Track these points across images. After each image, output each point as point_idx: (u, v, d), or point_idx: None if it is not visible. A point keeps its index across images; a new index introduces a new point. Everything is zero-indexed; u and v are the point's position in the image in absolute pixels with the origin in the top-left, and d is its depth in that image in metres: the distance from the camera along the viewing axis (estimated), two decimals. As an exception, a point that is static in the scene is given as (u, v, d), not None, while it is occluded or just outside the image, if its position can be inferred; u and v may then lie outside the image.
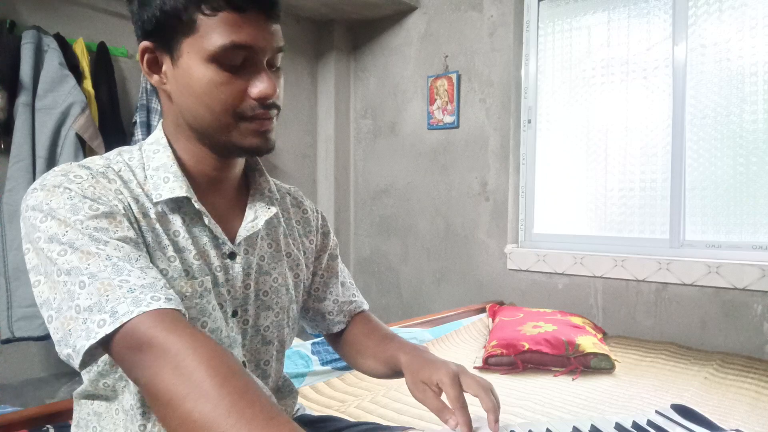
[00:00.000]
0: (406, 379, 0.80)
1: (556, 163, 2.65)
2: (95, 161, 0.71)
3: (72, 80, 2.18)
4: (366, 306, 1.00)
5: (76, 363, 0.57)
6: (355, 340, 0.95)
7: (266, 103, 0.69)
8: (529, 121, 2.70)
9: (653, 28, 2.36)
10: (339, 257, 0.98)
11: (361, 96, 3.34)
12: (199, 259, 0.71)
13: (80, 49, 2.28)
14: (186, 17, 0.65)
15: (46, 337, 2.13)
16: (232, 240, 0.76)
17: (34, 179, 2.12)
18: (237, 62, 0.67)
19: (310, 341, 1.91)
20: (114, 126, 2.39)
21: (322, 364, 1.79)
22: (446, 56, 2.89)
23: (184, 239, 0.71)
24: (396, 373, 0.86)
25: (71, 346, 0.57)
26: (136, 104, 2.46)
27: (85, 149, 2.24)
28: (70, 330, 0.57)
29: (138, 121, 2.41)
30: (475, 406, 0.74)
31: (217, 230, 0.74)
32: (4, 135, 2.13)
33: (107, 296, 0.57)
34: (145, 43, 0.70)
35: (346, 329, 0.97)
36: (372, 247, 3.30)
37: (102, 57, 2.38)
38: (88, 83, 2.28)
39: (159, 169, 0.71)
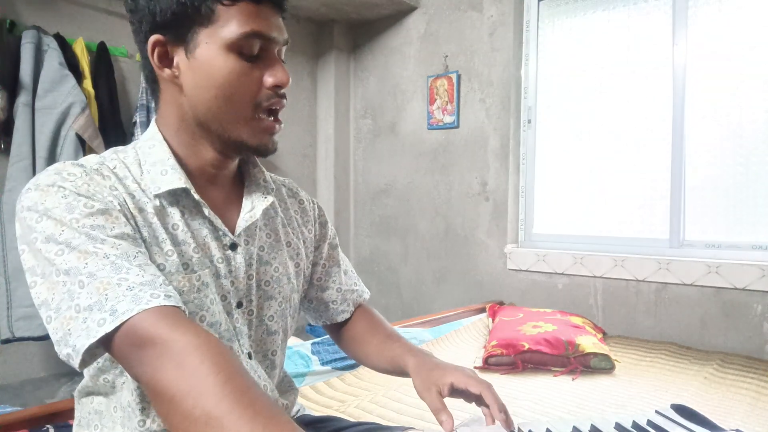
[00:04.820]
0: (414, 381, 0.81)
1: (556, 163, 2.65)
2: (89, 159, 0.70)
3: (72, 80, 2.18)
4: (367, 294, 1.01)
5: (75, 362, 0.57)
6: (358, 335, 0.96)
7: (279, 93, 0.72)
8: (529, 121, 2.70)
9: (653, 28, 2.36)
10: (339, 246, 0.99)
11: (361, 96, 3.34)
12: (198, 251, 0.71)
13: (80, 49, 2.28)
14: (205, 8, 0.67)
15: (46, 337, 2.13)
16: (232, 232, 0.76)
17: (34, 179, 2.12)
18: (254, 51, 0.70)
19: (310, 341, 1.91)
20: (114, 126, 2.40)
21: (322, 364, 1.79)
22: (446, 56, 2.89)
23: (183, 232, 0.71)
24: (399, 372, 0.87)
25: (71, 345, 0.57)
26: (136, 104, 2.46)
27: (85, 149, 2.24)
28: (69, 329, 0.57)
29: (138, 121, 2.41)
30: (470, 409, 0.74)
31: (217, 221, 0.74)
32: (4, 135, 2.13)
33: (106, 295, 0.57)
34: (157, 37, 0.69)
35: (348, 324, 0.98)
36: (372, 247, 3.30)
37: (102, 57, 2.38)
38: (88, 83, 2.28)
39: (156, 164, 0.71)
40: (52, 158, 2.16)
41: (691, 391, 1.62)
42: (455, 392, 0.79)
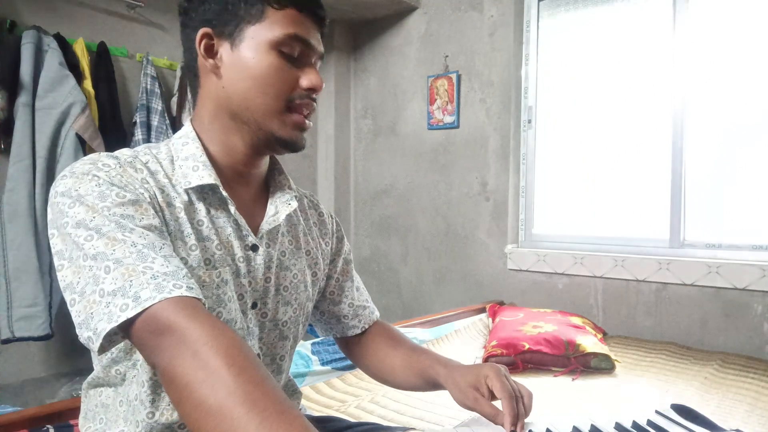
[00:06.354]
0: (451, 391, 0.82)
1: (557, 163, 2.65)
2: (123, 152, 0.73)
3: (72, 80, 2.18)
4: (378, 314, 1.02)
5: (95, 346, 0.58)
6: (380, 350, 0.96)
7: (312, 96, 0.76)
8: (529, 121, 2.70)
9: (653, 28, 2.35)
10: (353, 262, 1.00)
11: (361, 96, 3.34)
12: (221, 248, 0.74)
13: (80, 49, 2.28)
14: (256, 9, 0.73)
15: (46, 337, 2.13)
16: (255, 233, 0.78)
17: (34, 179, 2.12)
18: (294, 54, 0.74)
19: (310, 341, 1.91)
20: (114, 126, 2.40)
21: (322, 364, 1.79)
22: (446, 56, 2.89)
23: (207, 228, 0.73)
24: (429, 384, 0.88)
25: (92, 329, 0.58)
26: (136, 104, 2.46)
27: (85, 149, 2.24)
28: (92, 313, 0.59)
29: (138, 121, 2.41)
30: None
31: (241, 221, 0.76)
32: (4, 135, 2.13)
33: (131, 281, 0.59)
34: (206, 29, 0.75)
35: (366, 339, 0.98)
36: (372, 247, 3.30)
37: (102, 57, 2.38)
38: (88, 83, 2.28)
39: (188, 159, 0.74)
40: (52, 158, 2.16)
41: (691, 391, 1.62)
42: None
